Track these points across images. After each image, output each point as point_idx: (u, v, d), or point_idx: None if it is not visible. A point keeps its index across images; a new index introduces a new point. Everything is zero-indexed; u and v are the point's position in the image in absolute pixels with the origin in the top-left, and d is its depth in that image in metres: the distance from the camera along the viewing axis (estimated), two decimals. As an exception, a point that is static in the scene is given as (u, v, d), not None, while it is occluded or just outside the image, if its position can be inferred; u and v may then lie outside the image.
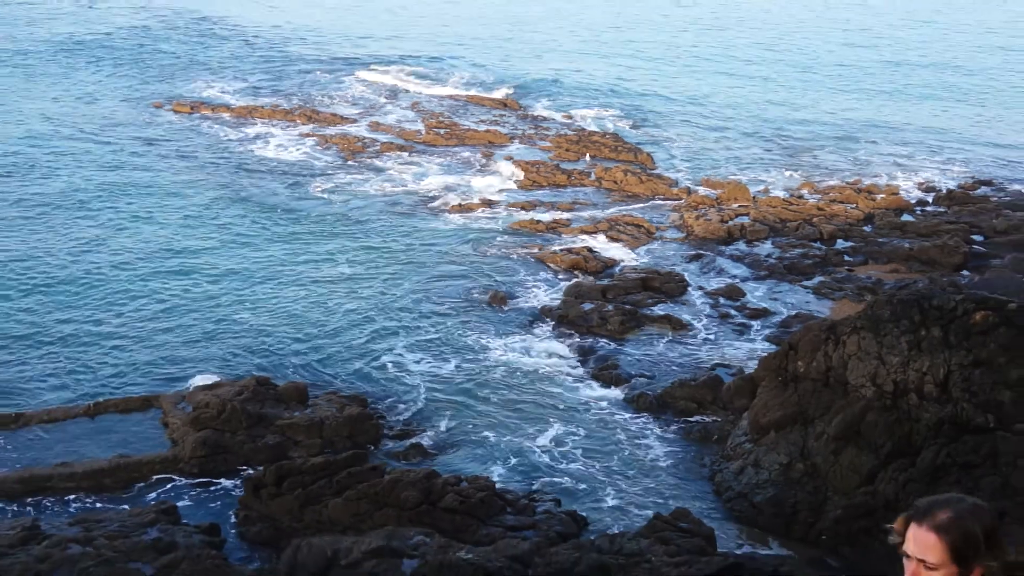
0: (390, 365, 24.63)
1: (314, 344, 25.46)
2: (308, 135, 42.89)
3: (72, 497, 19.05)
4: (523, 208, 35.36)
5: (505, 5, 79.83)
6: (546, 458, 21.10)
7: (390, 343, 25.70)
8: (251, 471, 19.33)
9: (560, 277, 29.85)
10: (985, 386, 17.90)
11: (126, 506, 18.45)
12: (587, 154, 41.41)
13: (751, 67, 61.71)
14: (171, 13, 70.55)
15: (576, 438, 21.80)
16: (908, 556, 4.16)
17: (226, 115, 45.56)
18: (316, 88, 51.72)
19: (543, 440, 21.66)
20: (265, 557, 17.23)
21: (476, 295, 28.57)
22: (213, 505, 19.30)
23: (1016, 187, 39.33)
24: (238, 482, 19.49)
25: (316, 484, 18.35)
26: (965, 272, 30.01)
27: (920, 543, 4.10)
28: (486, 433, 21.78)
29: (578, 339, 26.12)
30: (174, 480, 19.88)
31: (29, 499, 18.84)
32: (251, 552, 17.60)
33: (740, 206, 35.59)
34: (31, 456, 20.02)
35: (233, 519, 18.54)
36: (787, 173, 40.61)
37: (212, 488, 19.80)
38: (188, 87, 50.75)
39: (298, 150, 40.94)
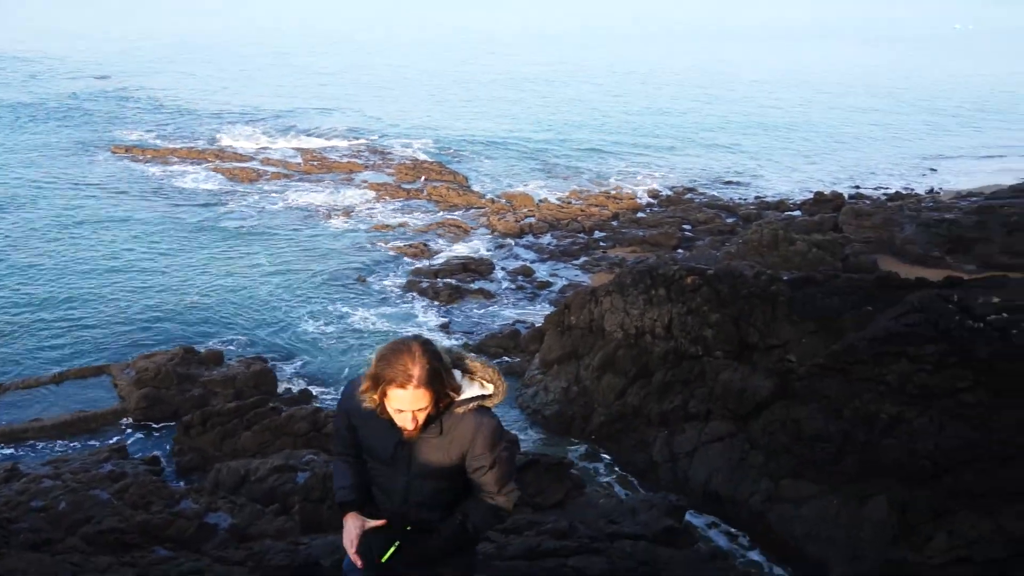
0: (288, 332, 24.10)
1: (232, 321, 24.66)
2: (216, 170, 41.20)
3: (43, 444, 18.17)
4: (378, 216, 35.07)
5: (357, 67, 78.16)
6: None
7: (290, 316, 25.12)
8: (182, 417, 18.77)
9: (406, 263, 29.78)
10: (695, 327, 18.58)
11: (86, 449, 17.70)
12: (422, 176, 41.17)
13: (517, 104, 62.11)
14: (95, 80, 66.81)
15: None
16: (400, 411, 3.89)
17: (151, 155, 43.48)
18: (219, 133, 49.77)
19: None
20: (195, 479, 16.81)
21: (349, 277, 28.29)
22: (154, 443, 18.52)
23: (712, 193, 40.84)
24: (172, 425, 18.87)
25: (231, 423, 17.87)
26: (680, 250, 31.00)
27: (410, 399, 3.83)
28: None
29: (420, 306, 26.21)
30: (123, 427, 19.11)
31: (10, 449, 17.91)
32: (185, 476, 17.15)
33: (528, 210, 35.96)
34: (11, 415, 19.01)
35: (170, 453, 17.94)
36: (559, 183, 41.29)
37: (153, 431, 18.99)
38: (118, 134, 48.19)
39: (210, 181, 39.25)
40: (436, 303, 26.31)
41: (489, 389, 4.08)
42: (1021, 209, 30.44)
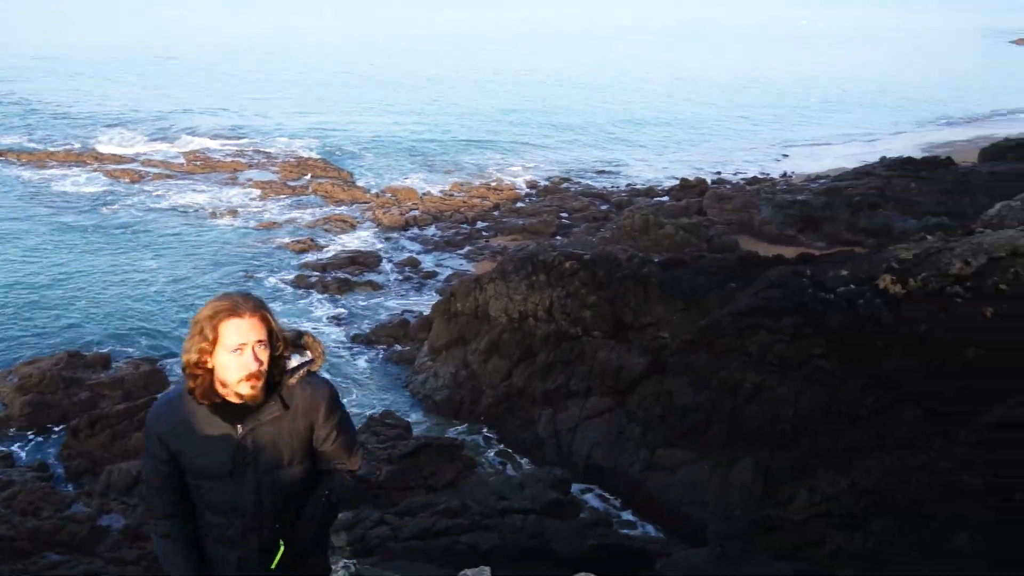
0: (178, 332, 22.85)
1: (120, 323, 23.42)
2: (97, 171, 39.09)
3: (-76, 456, 16.87)
4: (264, 213, 33.99)
5: (244, 70, 75.69)
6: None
7: (180, 316, 23.89)
8: (70, 421, 17.77)
9: (294, 258, 29.02)
10: (574, 309, 18.81)
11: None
12: (308, 174, 40.17)
13: (401, 104, 61.56)
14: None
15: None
16: (241, 348, 3.36)
17: (27, 159, 40.88)
18: (98, 135, 47.25)
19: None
20: (86, 483, 15.94)
21: (239, 274, 27.27)
22: (42, 450, 17.49)
23: (586, 182, 41.40)
24: (61, 430, 17.88)
25: (121, 424, 16.98)
26: (558, 237, 31.32)
27: (247, 327, 3.35)
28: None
29: (310, 300, 25.62)
30: (9, 434, 17.90)
31: None
32: (75, 481, 16.22)
33: (412, 204, 35.59)
34: None
35: (59, 458, 16.95)
36: (442, 177, 41.09)
37: (40, 437, 17.90)
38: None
39: (91, 184, 37.06)
40: (326, 296, 25.75)
41: (307, 355, 3.66)
42: (863, 190, 32.04)
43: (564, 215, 34.32)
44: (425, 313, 23.49)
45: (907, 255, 15.40)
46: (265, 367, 3.43)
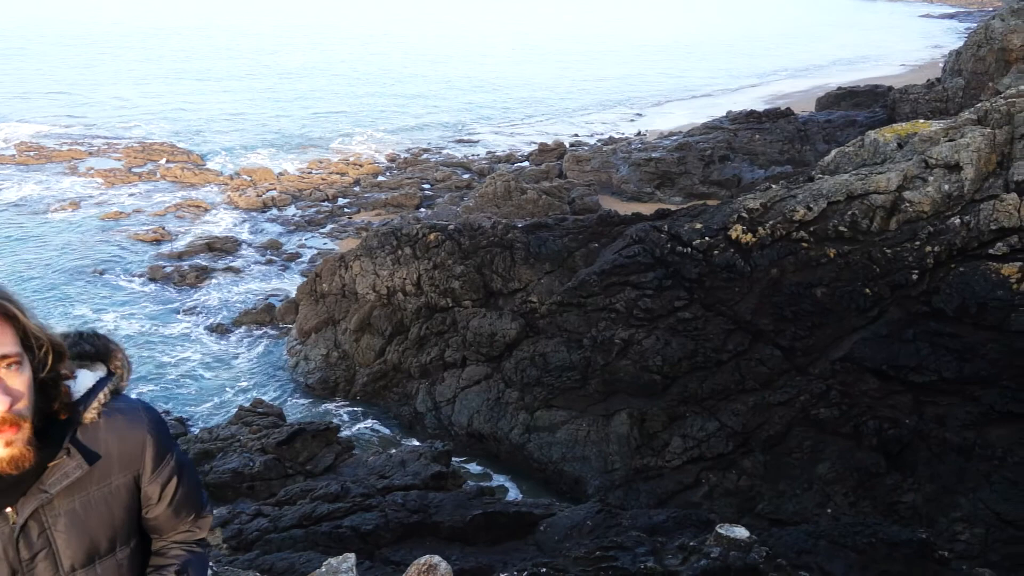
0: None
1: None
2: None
3: None
4: (109, 203, 32.06)
5: (93, 56, 70.86)
6: (163, 376, 19.74)
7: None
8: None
9: (146, 249, 27.56)
10: (442, 280, 18.74)
11: None
12: (164, 158, 38.13)
13: (251, 85, 59.45)
14: None
15: (179, 360, 20.49)
16: None
17: None
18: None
19: (151, 366, 20.17)
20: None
21: (86, 272, 25.59)
22: None
23: (447, 151, 41.24)
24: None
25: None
26: (422, 209, 31.11)
27: None
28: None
29: (167, 292, 24.42)
30: None
31: None
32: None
33: (269, 184, 34.46)
34: None
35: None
36: (298, 155, 39.98)
37: None
38: None
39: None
40: (183, 287, 24.61)
41: (99, 369, 2.36)
42: (713, 144, 33.23)
43: (426, 186, 34.07)
44: (291, 296, 22.89)
45: (755, 204, 16.08)
46: (24, 403, 2.07)
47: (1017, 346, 12.69)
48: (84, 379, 2.31)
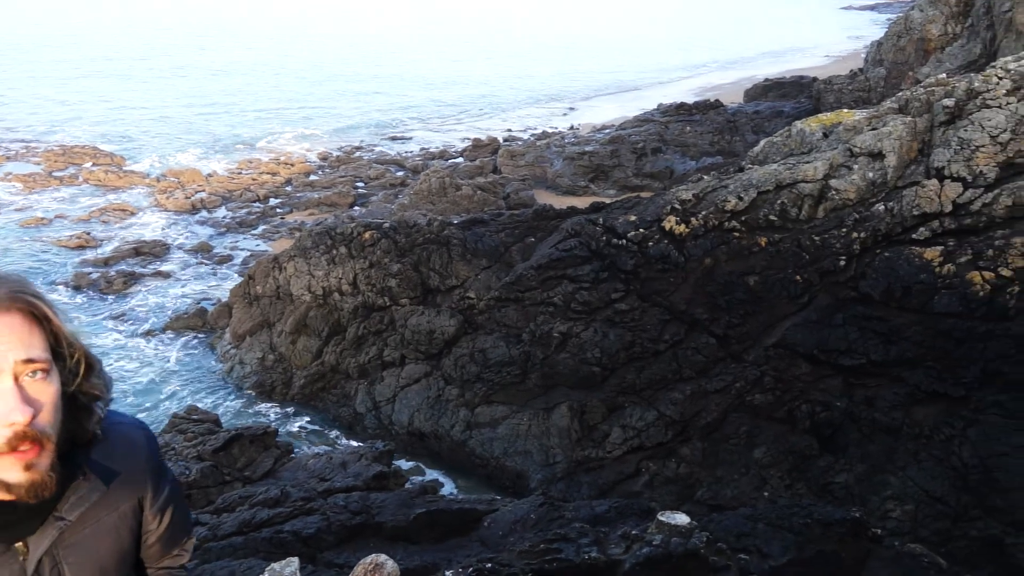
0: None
1: None
2: None
3: None
4: (29, 209, 31.00)
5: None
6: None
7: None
8: None
9: (70, 256, 26.73)
10: (378, 279, 18.60)
11: None
12: (90, 162, 36.98)
13: (176, 84, 58.12)
14: None
15: (109, 369, 19.90)
16: None
17: None
18: None
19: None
20: None
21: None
22: None
23: (380, 149, 40.91)
24: None
25: None
26: (356, 208, 30.84)
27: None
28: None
29: (94, 300, 23.73)
30: None
31: None
32: None
33: (198, 185, 33.77)
34: None
35: None
36: (227, 155, 39.23)
37: None
38: None
39: None
40: (111, 294, 23.93)
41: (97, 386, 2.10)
42: (645, 136, 33.64)
43: (360, 185, 33.77)
44: (224, 299, 22.46)
45: (687, 196, 16.34)
46: (49, 418, 1.80)
47: (940, 328, 13.16)
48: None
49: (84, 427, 1.98)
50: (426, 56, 73.16)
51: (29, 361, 1.79)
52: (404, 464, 15.55)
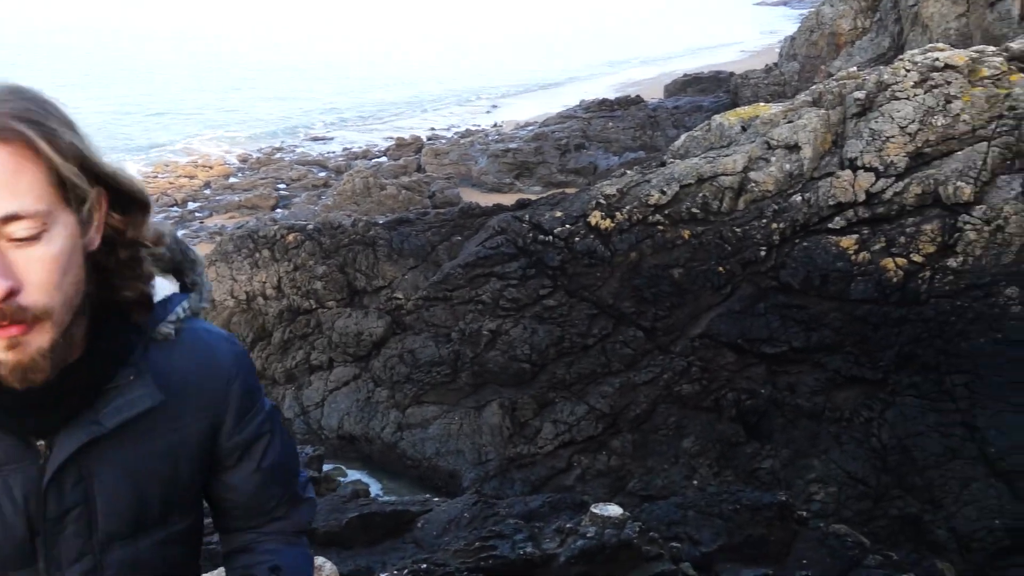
0: None
1: None
2: None
3: None
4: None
5: None
6: None
7: None
8: None
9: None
10: (304, 282, 18.35)
11: None
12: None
13: (76, 79, 56.28)
14: None
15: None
16: None
17: None
18: None
19: None
20: None
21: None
22: None
23: (301, 150, 40.33)
24: None
25: None
26: (279, 210, 30.37)
27: None
28: None
29: None
30: None
31: None
32: None
33: (111, 190, 32.83)
34: None
35: None
36: (142, 158, 38.16)
37: None
38: None
39: None
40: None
41: (170, 280, 1.80)
42: (568, 132, 33.92)
43: (282, 186, 33.26)
44: (142, 307, 21.79)
45: (611, 191, 16.52)
46: (41, 293, 1.36)
47: (857, 313, 13.60)
48: (161, 283, 1.73)
49: (130, 287, 1.55)
50: (346, 56, 72.35)
51: (11, 218, 1.33)
52: (335, 468, 15.38)
